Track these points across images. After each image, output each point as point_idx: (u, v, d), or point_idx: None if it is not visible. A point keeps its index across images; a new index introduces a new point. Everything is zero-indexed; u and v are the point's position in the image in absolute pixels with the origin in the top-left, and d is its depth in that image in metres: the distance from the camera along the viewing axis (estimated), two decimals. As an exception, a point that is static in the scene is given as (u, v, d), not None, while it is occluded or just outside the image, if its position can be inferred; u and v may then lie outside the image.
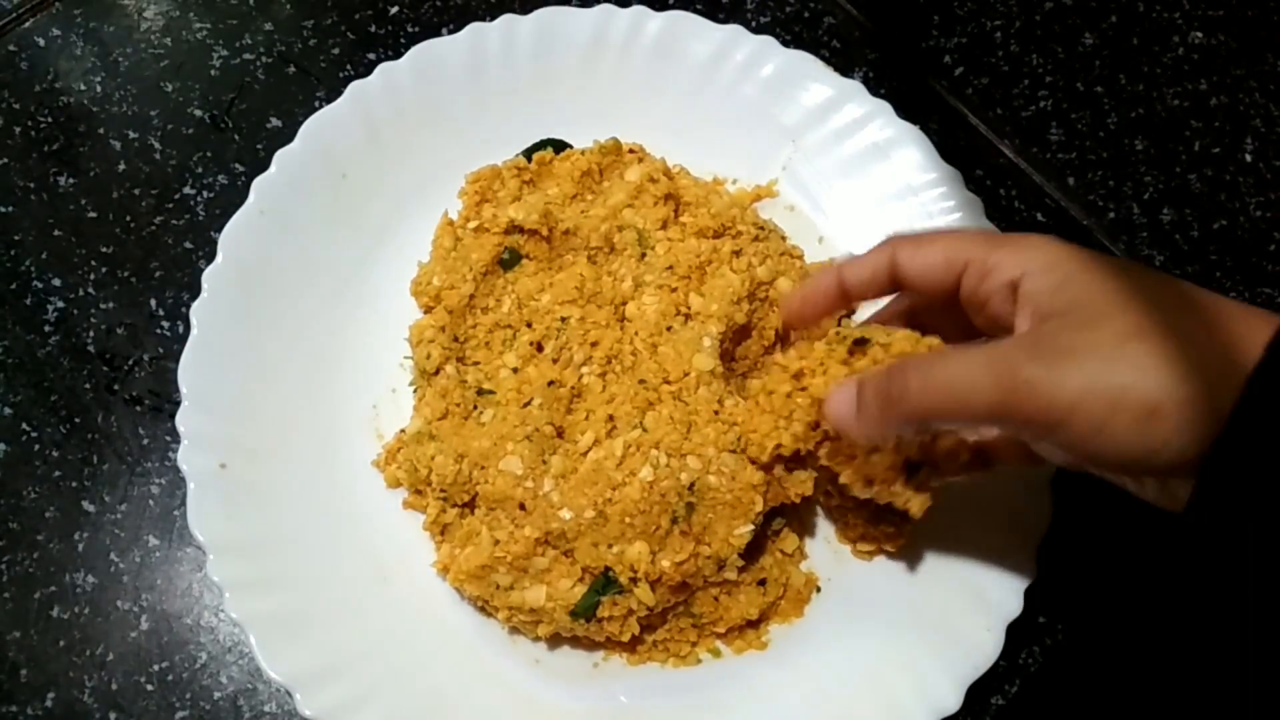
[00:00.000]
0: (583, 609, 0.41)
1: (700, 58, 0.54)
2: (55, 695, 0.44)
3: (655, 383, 0.43)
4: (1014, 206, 0.56)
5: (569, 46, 0.54)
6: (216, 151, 0.55)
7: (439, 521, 0.44)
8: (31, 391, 0.49)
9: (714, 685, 0.43)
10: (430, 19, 0.59)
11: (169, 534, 0.47)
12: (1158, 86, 0.59)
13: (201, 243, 0.52)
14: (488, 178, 0.49)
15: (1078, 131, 0.58)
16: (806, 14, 0.60)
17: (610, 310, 0.45)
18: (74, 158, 0.54)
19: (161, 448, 0.48)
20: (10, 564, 0.46)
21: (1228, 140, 0.58)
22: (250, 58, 0.57)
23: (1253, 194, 0.57)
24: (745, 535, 0.41)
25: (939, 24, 0.61)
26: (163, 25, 0.58)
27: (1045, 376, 0.31)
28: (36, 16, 0.58)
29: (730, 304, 0.44)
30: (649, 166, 0.49)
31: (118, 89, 0.56)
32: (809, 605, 0.45)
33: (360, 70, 0.55)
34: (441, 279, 0.46)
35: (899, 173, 0.52)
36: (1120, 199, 0.57)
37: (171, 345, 0.50)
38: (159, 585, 0.46)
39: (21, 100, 0.56)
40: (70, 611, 0.45)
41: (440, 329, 0.46)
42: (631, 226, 0.47)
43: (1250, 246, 0.56)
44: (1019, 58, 0.60)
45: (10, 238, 0.52)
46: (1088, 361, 0.31)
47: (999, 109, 0.58)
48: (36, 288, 0.51)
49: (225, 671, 0.45)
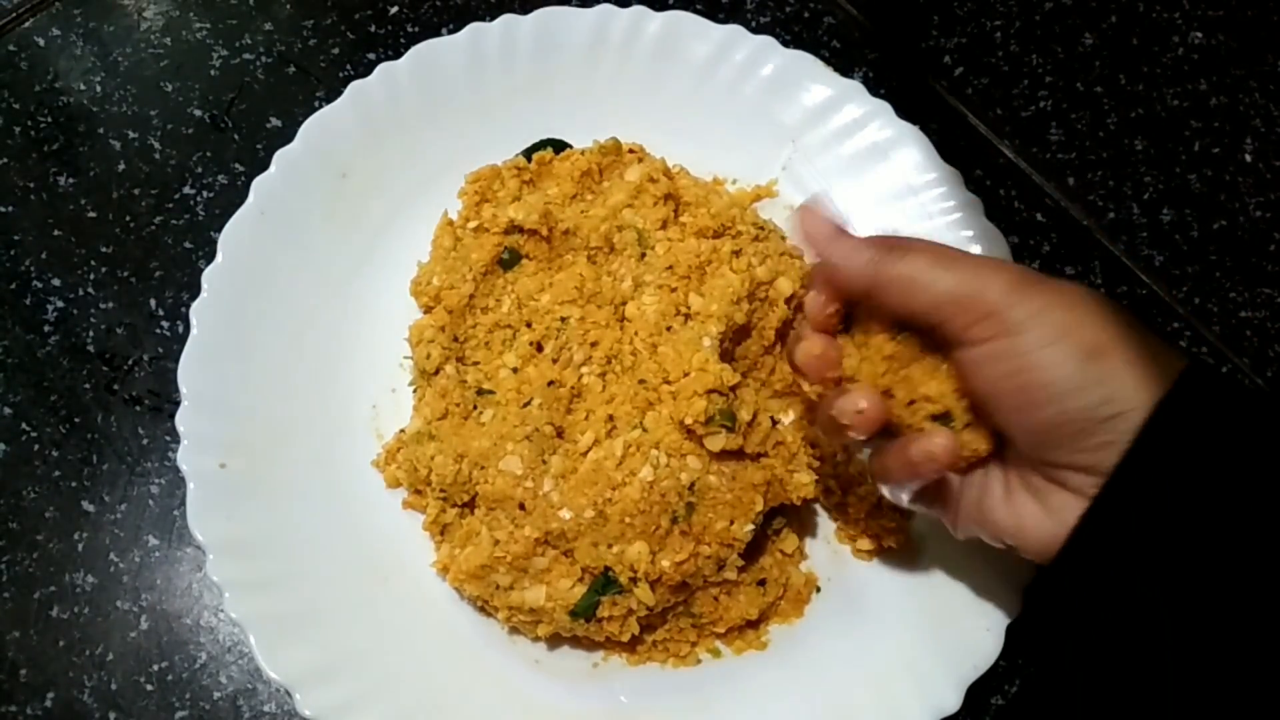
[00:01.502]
0: (582, 609, 0.41)
1: (700, 58, 0.54)
2: (55, 695, 0.44)
3: (655, 383, 0.43)
4: (1014, 206, 0.56)
5: (569, 46, 0.54)
6: (216, 151, 0.55)
7: (439, 521, 0.44)
8: (31, 391, 0.49)
9: (714, 685, 0.43)
10: (430, 19, 0.59)
11: (169, 534, 0.47)
12: (1158, 86, 0.59)
13: (201, 243, 0.52)
14: (488, 178, 0.49)
15: (1078, 131, 0.58)
16: (806, 14, 0.60)
17: (610, 310, 0.45)
18: (74, 158, 0.54)
19: (161, 448, 0.48)
20: (10, 564, 0.46)
21: (1228, 140, 0.58)
22: (250, 58, 0.57)
23: (1253, 194, 0.57)
24: (745, 535, 0.41)
25: (939, 24, 0.61)
26: (162, 25, 0.58)
27: (1004, 302, 0.34)
28: (36, 16, 0.58)
29: (730, 304, 0.44)
30: (649, 166, 0.49)
31: (117, 89, 0.56)
32: (809, 605, 0.45)
33: (360, 70, 0.55)
34: (441, 279, 0.46)
35: (899, 173, 0.52)
36: (1120, 199, 0.57)
37: (171, 345, 0.50)
38: (159, 585, 0.46)
39: (21, 100, 0.56)
40: (70, 611, 0.45)
41: (440, 329, 0.46)
42: (631, 226, 0.47)
43: (1250, 246, 0.56)
44: (1019, 58, 0.60)
45: (10, 238, 0.52)
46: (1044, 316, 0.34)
47: (999, 109, 0.58)
48: (36, 288, 0.51)
49: (225, 671, 0.45)
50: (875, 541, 0.45)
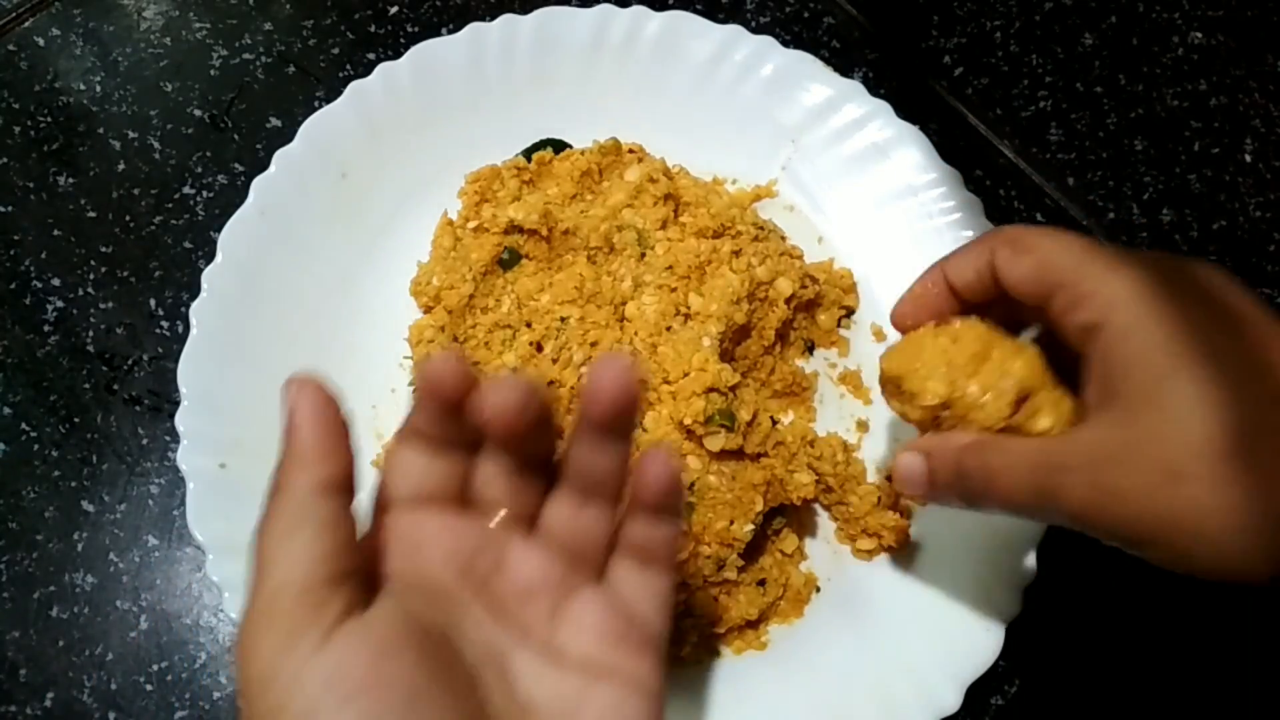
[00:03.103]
0: (582, 609, 0.41)
1: (700, 58, 0.54)
2: (54, 695, 0.44)
3: (655, 383, 0.43)
4: (1014, 206, 0.56)
5: (569, 46, 0.54)
6: (216, 151, 0.55)
7: (439, 521, 0.44)
8: (31, 391, 0.49)
9: (714, 685, 0.43)
10: (430, 19, 0.59)
11: (168, 534, 0.47)
12: (1158, 86, 0.59)
13: (201, 242, 0.52)
14: (487, 178, 0.49)
15: (1077, 131, 0.58)
16: (806, 14, 0.60)
17: (610, 310, 0.45)
18: (74, 157, 0.54)
19: (161, 448, 0.48)
20: (10, 564, 0.46)
21: (1228, 140, 0.58)
22: (250, 58, 0.57)
23: (1253, 194, 0.57)
24: (745, 535, 0.41)
25: (939, 24, 0.61)
26: (162, 25, 0.58)
27: (1091, 499, 0.31)
28: (36, 16, 0.58)
29: (730, 304, 0.44)
30: (649, 166, 0.49)
31: (117, 89, 0.56)
32: (809, 605, 0.45)
33: (360, 70, 0.55)
34: (441, 279, 0.46)
35: (899, 173, 0.52)
36: (1120, 199, 0.57)
37: (171, 345, 0.50)
38: (158, 585, 0.46)
39: (21, 100, 0.56)
40: (69, 611, 0.45)
41: (440, 329, 0.46)
42: (631, 226, 0.47)
43: (1250, 246, 0.56)
44: (1019, 58, 0.60)
45: (10, 238, 0.52)
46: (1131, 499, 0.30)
47: (999, 109, 0.58)
48: (36, 287, 0.51)
49: (225, 671, 0.45)
50: (875, 541, 0.45)
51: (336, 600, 0.26)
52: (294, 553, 0.26)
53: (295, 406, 0.28)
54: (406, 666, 0.25)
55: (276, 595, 0.25)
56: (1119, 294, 0.32)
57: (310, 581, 0.26)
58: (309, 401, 0.28)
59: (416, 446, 0.30)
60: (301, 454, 0.27)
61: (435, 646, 0.27)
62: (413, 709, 0.25)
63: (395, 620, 0.26)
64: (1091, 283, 0.33)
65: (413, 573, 0.29)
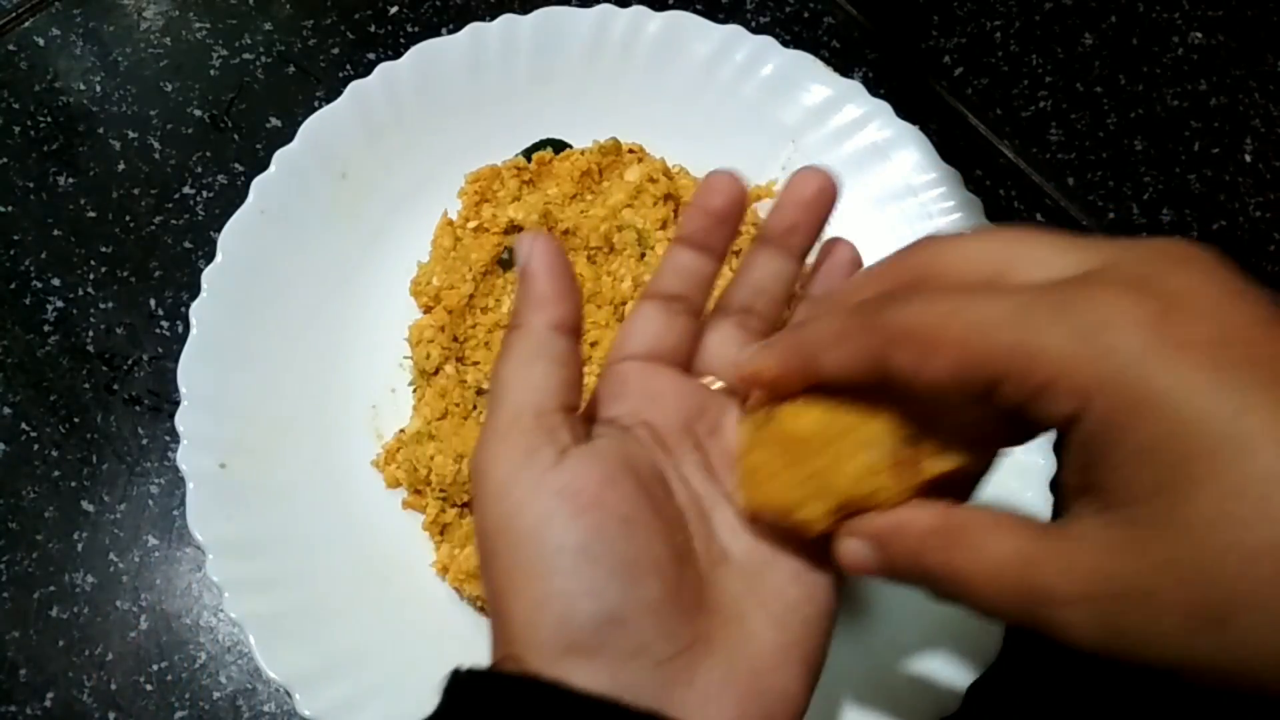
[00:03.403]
0: (582, 609, 0.41)
1: (700, 58, 0.54)
2: (54, 695, 0.44)
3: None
4: (1013, 207, 0.56)
5: (569, 46, 0.54)
6: (216, 151, 0.55)
7: (439, 521, 0.44)
8: (31, 391, 0.49)
9: (714, 685, 0.43)
10: (430, 19, 0.59)
11: (168, 534, 0.47)
12: (1158, 86, 0.59)
13: (201, 242, 0.52)
14: (487, 178, 0.49)
15: (1077, 131, 0.58)
16: (806, 14, 0.60)
17: (610, 310, 0.45)
18: (74, 157, 0.54)
19: (161, 448, 0.48)
20: (10, 564, 0.46)
21: (1228, 140, 0.58)
22: (250, 57, 0.57)
23: (1253, 194, 0.57)
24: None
25: (939, 24, 0.61)
26: (162, 25, 0.58)
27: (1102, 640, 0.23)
28: (36, 16, 0.58)
29: (730, 304, 0.44)
30: (649, 166, 0.49)
31: (117, 89, 0.56)
32: (809, 605, 0.45)
33: (360, 70, 0.55)
34: (441, 279, 0.46)
35: (899, 173, 0.52)
36: (1120, 199, 0.57)
37: (171, 345, 0.50)
38: (158, 585, 0.46)
39: (21, 100, 0.56)
40: (69, 611, 0.45)
41: (440, 329, 0.46)
42: (631, 226, 0.47)
43: (1250, 246, 0.56)
44: (1019, 58, 0.60)
45: (10, 238, 0.52)
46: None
47: (999, 109, 0.58)
48: (36, 287, 0.51)
49: (224, 671, 0.45)
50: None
51: (567, 428, 0.28)
52: (533, 380, 0.29)
53: (530, 256, 0.30)
54: (627, 493, 0.28)
55: (518, 415, 0.28)
56: (1097, 371, 0.22)
57: (547, 406, 0.28)
58: (542, 252, 0.30)
59: (683, 254, 0.33)
60: (539, 297, 0.30)
61: (651, 483, 0.29)
62: (630, 531, 0.27)
63: (619, 453, 0.29)
64: (1047, 365, 0.22)
65: (642, 418, 0.31)
